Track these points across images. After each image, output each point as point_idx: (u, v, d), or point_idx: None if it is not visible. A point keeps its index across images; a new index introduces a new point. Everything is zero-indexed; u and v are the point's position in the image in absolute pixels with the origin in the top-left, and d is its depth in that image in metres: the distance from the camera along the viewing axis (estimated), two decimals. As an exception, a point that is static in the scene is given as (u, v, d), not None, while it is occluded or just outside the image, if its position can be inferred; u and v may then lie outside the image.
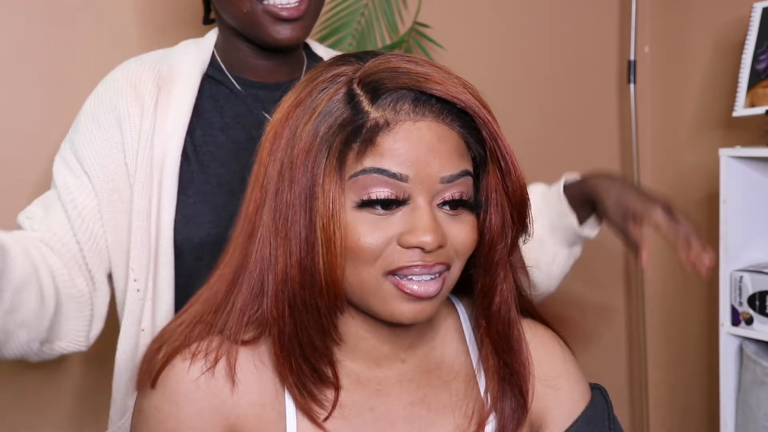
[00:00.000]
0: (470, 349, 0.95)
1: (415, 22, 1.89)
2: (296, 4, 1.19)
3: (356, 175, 0.82)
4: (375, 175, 0.81)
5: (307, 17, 1.21)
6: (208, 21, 1.36)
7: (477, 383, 0.93)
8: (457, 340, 0.95)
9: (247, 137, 0.91)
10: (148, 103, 1.22)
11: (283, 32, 1.20)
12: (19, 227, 1.21)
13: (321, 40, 1.81)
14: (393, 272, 0.83)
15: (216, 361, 0.86)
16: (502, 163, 0.84)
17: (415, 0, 1.90)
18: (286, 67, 1.27)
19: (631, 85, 2.30)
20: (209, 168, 1.21)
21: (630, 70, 2.29)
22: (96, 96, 1.26)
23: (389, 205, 0.82)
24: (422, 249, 0.82)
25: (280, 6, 1.18)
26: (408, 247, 0.82)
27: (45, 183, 1.62)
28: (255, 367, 0.88)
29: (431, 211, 0.83)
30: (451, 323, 0.96)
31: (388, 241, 0.82)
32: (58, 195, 1.22)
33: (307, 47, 1.35)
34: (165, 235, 1.19)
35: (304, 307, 0.84)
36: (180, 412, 0.86)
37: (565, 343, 1.00)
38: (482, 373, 0.93)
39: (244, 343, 0.87)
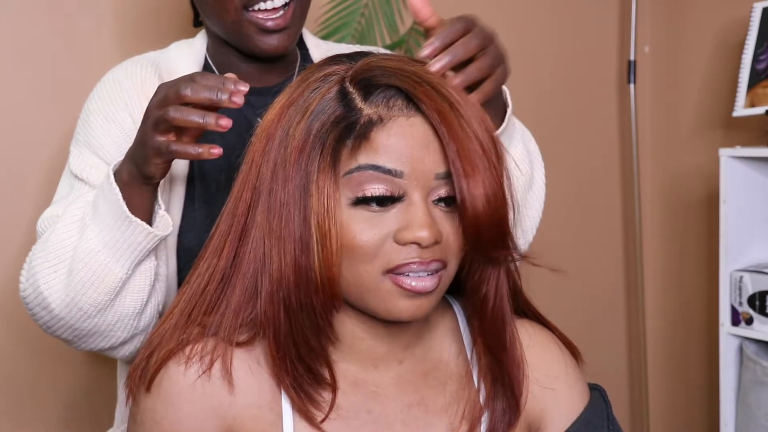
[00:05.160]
0: (466, 349, 0.95)
1: (415, 22, 1.89)
2: (281, 13, 1.18)
3: (351, 172, 0.82)
4: (370, 171, 0.81)
5: (293, 25, 1.20)
6: (198, 23, 1.35)
7: (471, 384, 0.93)
8: (453, 340, 0.95)
9: (242, 143, 0.91)
10: None
11: (270, 42, 1.19)
12: (42, 232, 1.16)
13: (320, 41, 1.81)
14: (391, 271, 0.83)
15: (211, 363, 0.86)
16: (458, 201, 0.82)
17: None
18: (279, 68, 1.26)
19: (631, 85, 2.30)
20: (210, 175, 1.21)
21: (630, 70, 2.29)
22: (101, 97, 1.23)
23: (384, 201, 0.82)
24: (418, 245, 0.82)
25: (264, 16, 1.17)
26: (404, 244, 0.82)
27: (45, 182, 1.63)
28: (250, 368, 0.87)
29: (426, 206, 0.82)
30: (448, 323, 0.96)
31: (384, 239, 0.82)
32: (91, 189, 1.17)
33: (301, 42, 1.34)
34: (170, 246, 1.18)
35: (299, 307, 0.84)
36: (177, 413, 0.86)
37: (569, 345, 0.99)
38: (476, 373, 0.93)
39: (239, 344, 0.87)
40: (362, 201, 0.82)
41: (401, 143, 0.82)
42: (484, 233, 0.83)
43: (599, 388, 0.99)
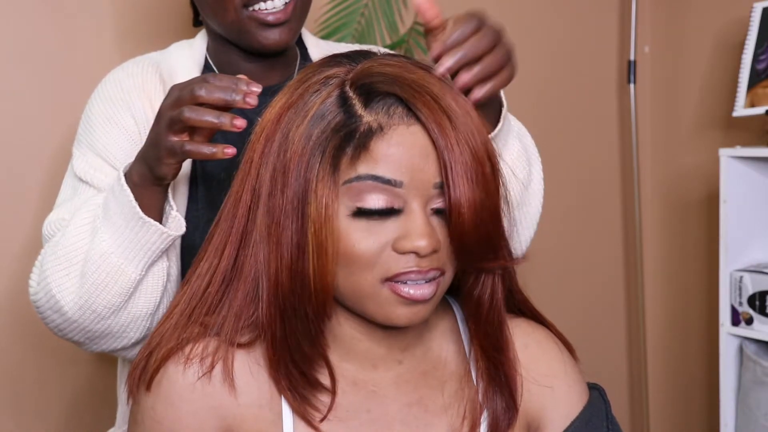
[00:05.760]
0: (465, 349, 0.95)
1: (415, 22, 1.89)
2: (282, 8, 1.18)
3: (350, 181, 0.82)
4: (370, 182, 0.81)
5: (294, 20, 1.20)
6: (198, 23, 1.35)
7: (470, 383, 0.93)
8: (452, 340, 0.95)
9: (243, 143, 0.91)
10: (157, 105, 1.21)
11: (271, 37, 1.19)
12: (49, 236, 1.16)
13: (320, 41, 1.81)
14: (389, 279, 0.83)
15: (213, 365, 0.86)
16: (447, 212, 0.82)
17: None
18: (279, 67, 1.27)
19: (631, 85, 2.30)
20: (212, 175, 1.21)
21: (630, 70, 2.29)
22: (103, 99, 1.23)
23: (384, 213, 0.82)
24: (417, 254, 0.82)
25: (265, 11, 1.17)
26: (403, 253, 0.82)
27: (46, 182, 1.63)
28: (250, 369, 0.88)
29: (425, 215, 0.82)
30: (447, 323, 0.96)
31: (383, 247, 0.82)
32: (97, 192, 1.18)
33: (300, 41, 1.34)
34: (176, 242, 1.18)
35: (294, 313, 0.84)
36: (176, 412, 0.86)
37: (565, 343, 1.00)
38: (475, 372, 0.93)
39: (240, 346, 0.87)
40: (362, 213, 0.82)
41: (401, 152, 0.82)
42: (472, 244, 0.83)
43: (598, 388, 0.99)
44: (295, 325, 0.84)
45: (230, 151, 0.96)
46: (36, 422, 1.69)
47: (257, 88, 0.95)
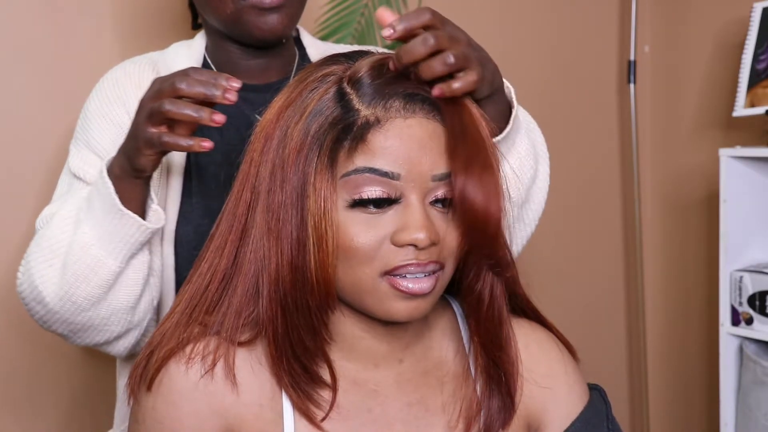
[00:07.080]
0: (465, 348, 0.95)
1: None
2: None
3: (348, 174, 0.82)
4: (367, 174, 0.82)
5: (291, 5, 1.21)
6: (196, 26, 1.36)
7: (469, 382, 0.93)
8: (452, 339, 0.95)
9: (239, 139, 0.91)
10: None
11: (270, 22, 1.19)
12: (39, 229, 1.17)
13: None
14: (388, 272, 0.83)
15: (214, 363, 0.86)
16: (458, 201, 0.82)
17: (414, 0, 1.90)
18: (277, 65, 1.27)
19: (631, 85, 2.30)
20: (207, 170, 1.21)
21: (630, 70, 2.29)
22: (100, 97, 1.24)
23: (381, 203, 0.82)
24: (415, 246, 0.82)
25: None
26: (401, 245, 0.82)
27: (45, 182, 1.63)
28: (252, 367, 0.88)
29: (423, 208, 0.83)
30: (447, 322, 0.96)
31: (382, 240, 0.82)
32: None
33: (299, 41, 1.35)
34: (168, 238, 1.19)
35: (295, 307, 0.84)
36: (177, 412, 0.86)
37: (566, 344, 1.00)
38: (474, 371, 0.93)
39: (241, 344, 0.87)
40: (359, 203, 0.82)
41: (398, 145, 0.82)
42: (484, 233, 0.83)
43: (599, 389, 0.99)
44: (297, 320, 0.85)
45: (207, 144, 0.97)
46: (35, 422, 1.69)
47: (237, 84, 0.96)
